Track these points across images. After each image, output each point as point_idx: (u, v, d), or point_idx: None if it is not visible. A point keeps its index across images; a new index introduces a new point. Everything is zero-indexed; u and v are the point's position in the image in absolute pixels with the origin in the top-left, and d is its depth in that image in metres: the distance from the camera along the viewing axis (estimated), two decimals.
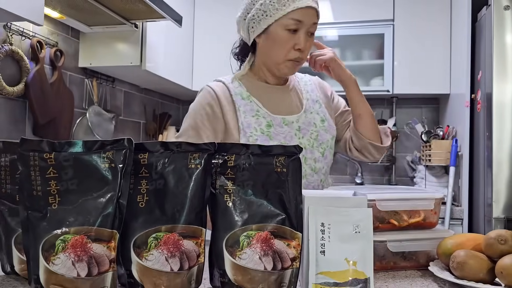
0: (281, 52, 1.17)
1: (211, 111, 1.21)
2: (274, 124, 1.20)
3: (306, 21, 1.14)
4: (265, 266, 0.73)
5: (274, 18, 1.13)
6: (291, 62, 1.19)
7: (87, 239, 0.70)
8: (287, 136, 1.20)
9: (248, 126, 1.18)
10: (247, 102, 1.22)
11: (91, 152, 0.73)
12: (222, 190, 0.78)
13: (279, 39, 1.16)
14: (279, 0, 1.12)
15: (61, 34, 2.23)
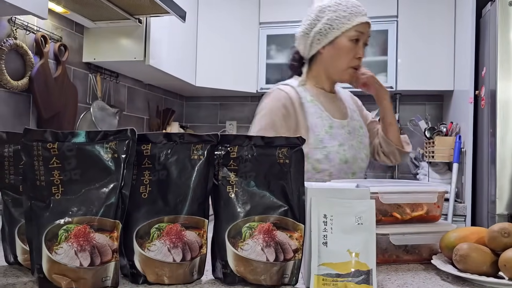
0: (345, 60, 1.35)
1: (285, 111, 1.33)
2: (334, 126, 1.36)
3: (365, 34, 1.34)
4: (267, 257, 0.73)
5: (341, 30, 1.31)
6: (352, 69, 1.37)
7: (90, 229, 0.70)
8: (344, 137, 1.36)
9: (315, 126, 1.33)
10: (312, 105, 1.37)
11: (94, 142, 0.73)
12: (225, 181, 0.78)
13: (344, 49, 1.33)
14: (345, 16, 1.31)
15: (65, 29, 2.24)
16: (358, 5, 1.33)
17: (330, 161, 1.30)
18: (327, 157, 1.30)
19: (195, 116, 3.75)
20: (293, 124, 1.33)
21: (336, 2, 1.33)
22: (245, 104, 3.64)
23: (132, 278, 0.75)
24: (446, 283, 0.79)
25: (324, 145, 1.31)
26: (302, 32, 1.41)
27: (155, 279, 0.74)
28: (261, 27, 3.26)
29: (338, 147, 1.32)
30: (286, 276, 0.75)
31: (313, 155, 1.30)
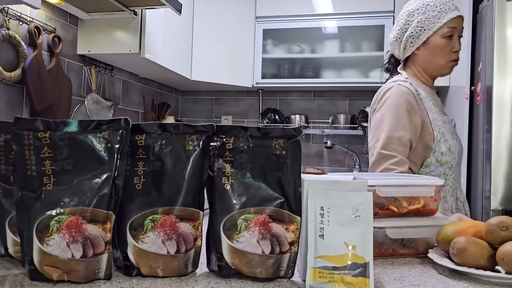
0: (442, 57, 1.38)
1: (410, 106, 1.33)
2: (445, 121, 1.40)
3: (458, 27, 1.37)
4: (263, 250, 0.72)
5: (432, 30, 1.36)
6: (451, 63, 1.40)
7: (82, 220, 0.68)
8: (454, 134, 1.42)
9: (436, 120, 1.37)
10: (427, 101, 1.39)
11: (87, 131, 0.72)
12: (220, 172, 0.77)
13: (439, 46, 1.37)
14: (435, 15, 1.35)
15: (59, 20, 2.21)
16: (447, 1, 1.36)
17: (452, 154, 1.36)
18: (450, 149, 1.35)
19: (190, 110, 3.73)
20: (418, 119, 1.33)
21: (424, 4, 1.37)
22: (240, 98, 3.63)
23: (125, 270, 0.74)
24: (443, 276, 0.79)
25: (446, 139, 1.36)
26: (394, 38, 1.46)
27: (148, 271, 0.73)
28: (257, 21, 3.24)
29: (453, 140, 1.38)
30: (282, 269, 0.74)
31: (439, 148, 1.33)
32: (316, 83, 3.21)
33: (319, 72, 3.21)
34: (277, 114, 3.43)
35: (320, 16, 3.15)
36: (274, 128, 0.77)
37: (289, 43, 3.28)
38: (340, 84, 3.14)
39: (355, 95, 3.37)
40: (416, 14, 1.38)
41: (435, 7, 1.35)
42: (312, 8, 3.14)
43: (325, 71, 3.20)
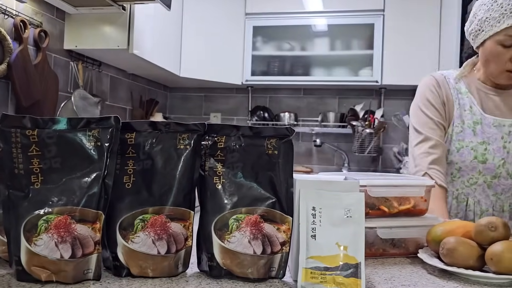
0: (496, 65, 1.23)
1: (436, 92, 1.31)
2: (483, 123, 1.27)
3: None
4: (255, 250, 0.72)
5: (489, 34, 1.19)
6: (507, 74, 1.22)
7: (71, 219, 0.67)
8: (491, 137, 1.26)
9: (458, 117, 1.28)
10: (464, 96, 1.30)
11: (76, 129, 0.70)
12: (212, 172, 0.76)
13: (493, 54, 1.21)
14: (494, 17, 1.17)
15: (46, 14, 2.17)
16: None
17: (461, 156, 1.27)
18: (459, 150, 1.26)
19: (179, 107, 3.70)
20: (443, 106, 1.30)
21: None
22: (230, 96, 3.61)
23: (115, 270, 0.72)
24: (433, 276, 0.79)
25: (459, 138, 1.27)
26: (466, 28, 1.33)
27: (138, 271, 0.72)
28: (247, 18, 3.22)
29: (478, 144, 1.25)
30: (273, 269, 0.73)
31: (448, 146, 1.29)
32: (305, 81, 3.21)
33: (308, 70, 3.21)
34: (266, 112, 3.43)
35: (310, 14, 3.15)
36: (267, 128, 0.76)
37: (279, 40, 3.27)
38: (330, 82, 3.15)
39: (345, 93, 3.38)
40: (481, 9, 1.21)
41: (501, 6, 1.16)
42: (302, 6, 3.14)
43: (314, 69, 3.20)
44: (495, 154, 1.24)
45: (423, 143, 1.29)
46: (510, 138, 1.25)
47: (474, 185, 1.29)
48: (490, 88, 1.30)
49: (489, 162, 1.25)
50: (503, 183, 1.28)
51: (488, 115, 1.27)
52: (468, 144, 1.25)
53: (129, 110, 3.05)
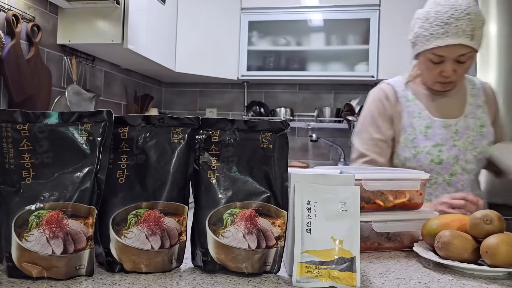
0: (429, 76, 1.29)
1: (382, 107, 1.36)
2: (433, 126, 1.31)
3: (449, 55, 1.20)
4: (249, 245, 0.71)
5: (420, 49, 1.26)
6: (439, 84, 1.28)
7: (63, 215, 0.66)
8: (443, 138, 1.30)
9: (409, 125, 1.31)
10: (412, 104, 1.34)
11: (68, 124, 0.69)
12: (206, 166, 0.75)
13: (426, 66, 1.27)
14: (425, 35, 1.23)
15: (39, 9, 2.14)
16: (448, 22, 1.16)
17: (418, 161, 1.29)
18: (415, 156, 1.29)
19: (174, 102, 3.69)
20: (389, 121, 1.35)
21: (425, 16, 1.23)
22: (225, 91, 3.60)
23: (108, 266, 0.72)
24: (428, 270, 0.79)
25: (414, 145, 1.29)
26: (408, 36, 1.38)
27: (132, 267, 0.71)
28: (243, 13, 3.21)
29: (432, 147, 1.29)
30: (268, 264, 0.73)
31: (403, 153, 1.31)
32: (301, 76, 3.20)
33: (304, 65, 3.20)
34: (262, 107, 3.42)
35: (306, 9, 3.14)
36: (261, 121, 0.76)
37: (274, 35, 3.26)
38: (326, 77, 3.14)
39: (341, 89, 3.37)
40: (416, 23, 1.28)
41: (431, 26, 1.20)
42: (298, 1, 3.12)
43: (310, 64, 3.19)
44: (449, 154, 1.29)
45: (359, 159, 1.38)
46: (458, 136, 1.31)
47: (435, 185, 1.33)
48: (435, 91, 1.35)
49: (444, 162, 1.29)
50: (461, 179, 1.33)
51: (436, 118, 1.32)
52: (423, 149, 1.29)
53: (124, 105, 3.03)
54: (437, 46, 1.19)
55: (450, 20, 1.16)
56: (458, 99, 1.36)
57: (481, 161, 1.36)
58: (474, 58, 1.25)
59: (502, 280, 0.74)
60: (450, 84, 1.28)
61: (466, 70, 1.27)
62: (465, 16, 1.15)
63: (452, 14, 1.16)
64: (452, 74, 1.23)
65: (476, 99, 1.37)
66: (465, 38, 1.17)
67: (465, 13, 1.15)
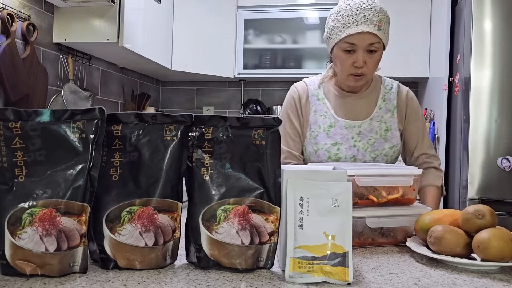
0: (342, 69, 1.32)
1: (294, 106, 1.43)
2: (336, 126, 1.37)
3: (360, 44, 1.26)
4: (242, 241, 0.72)
5: (334, 41, 1.30)
6: (352, 77, 1.31)
7: (56, 212, 0.67)
8: (344, 137, 1.36)
9: (314, 123, 1.38)
10: (320, 103, 1.40)
11: (61, 121, 0.69)
12: (199, 163, 0.75)
13: (339, 59, 1.31)
14: (338, 27, 1.28)
15: (34, 8, 2.14)
16: (357, 13, 1.25)
17: (318, 157, 1.36)
18: (316, 152, 1.36)
19: (171, 101, 3.68)
20: (299, 119, 1.41)
21: (338, 10, 1.30)
22: (222, 89, 3.60)
23: (102, 263, 0.72)
24: (421, 264, 0.80)
25: (316, 142, 1.36)
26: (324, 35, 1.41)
27: (126, 264, 0.71)
28: (239, 11, 3.20)
29: (331, 145, 1.35)
30: (261, 260, 0.73)
31: (308, 147, 1.38)
32: (297, 74, 3.20)
33: (300, 63, 3.20)
34: (259, 105, 3.42)
35: (302, 7, 3.14)
36: (254, 118, 0.76)
37: (271, 33, 3.26)
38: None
39: None
40: (330, 19, 1.32)
41: (342, 17, 1.27)
42: None
43: (306, 62, 3.19)
44: (347, 153, 1.35)
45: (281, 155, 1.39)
46: (360, 137, 1.36)
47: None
48: (345, 93, 1.40)
49: (342, 160, 1.36)
50: None
51: (340, 119, 1.37)
52: (323, 146, 1.35)
53: (121, 104, 3.03)
54: (348, 35, 1.26)
55: (359, 10, 1.25)
56: (367, 102, 1.40)
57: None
58: (382, 53, 1.32)
59: (494, 274, 0.75)
60: (362, 77, 1.31)
61: (376, 64, 1.32)
62: (372, 8, 1.25)
63: (361, 6, 1.26)
64: (363, 65, 1.27)
65: (387, 104, 1.41)
66: (373, 27, 1.25)
67: (371, 6, 1.26)
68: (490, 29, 2.17)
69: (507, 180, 2.12)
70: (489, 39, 2.17)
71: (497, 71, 2.16)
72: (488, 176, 2.15)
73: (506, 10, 2.15)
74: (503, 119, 2.14)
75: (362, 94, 1.41)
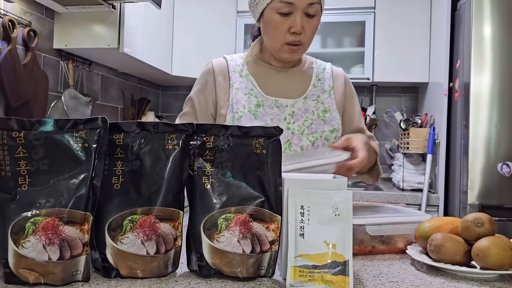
0: (276, 36, 1.14)
1: (205, 82, 1.26)
2: (264, 105, 1.19)
3: (298, 3, 1.10)
4: (244, 249, 0.72)
5: (266, 2, 1.12)
6: (288, 46, 1.15)
7: (59, 221, 0.67)
8: (275, 118, 1.18)
9: (237, 102, 1.19)
10: (243, 80, 1.23)
11: (63, 131, 0.70)
12: (201, 172, 0.76)
13: (273, 23, 1.13)
14: None
15: (35, 14, 2.15)
16: None
17: None
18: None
19: (171, 106, 3.69)
20: (212, 98, 1.24)
21: None
22: None
23: (104, 271, 0.73)
24: (421, 272, 0.80)
25: (241, 123, 1.16)
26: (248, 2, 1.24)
27: (128, 272, 0.72)
28: (239, 16, 3.22)
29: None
30: (262, 268, 0.74)
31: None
32: None
33: None
34: None
35: None
36: (255, 127, 0.76)
37: None
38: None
39: None
40: None
41: None
42: None
43: None
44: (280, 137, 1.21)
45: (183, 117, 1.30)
46: (294, 118, 1.19)
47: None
48: (275, 68, 1.24)
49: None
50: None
51: (269, 96, 1.20)
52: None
53: (121, 109, 3.04)
54: None
55: None
56: (300, 79, 1.24)
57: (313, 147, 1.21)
58: (320, 18, 1.16)
59: (493, 282, 0.75)
60: (299, 48, 1.16)
61: (314, 31, 1.16)
62: None
63: None
64: (301, 30, 1.12)
65: (323, 84, 1.25)
66: None
67: None
68: (490, 35, 2.18)
69: (507, 186, 2.13)
70: (489, 44, 2.18)
71: (497, 76, 2.17)
72: (488, 182, 2.16)
73: (505, 16, 2.16)
74: (503, 125, 2.15)
75: (294, 70, 1.25)
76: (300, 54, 1.20)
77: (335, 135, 1.21)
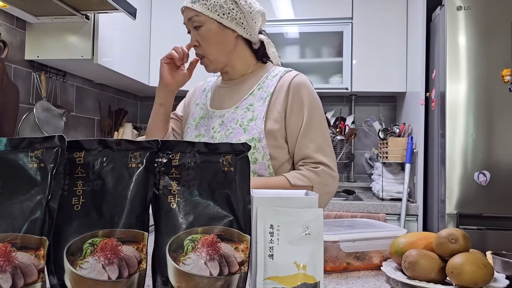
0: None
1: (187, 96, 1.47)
2: (206, 117, 1.30)
3: (185, 21, 1.28)
4: (211, 272, 0.69)
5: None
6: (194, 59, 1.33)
7: (12, 247, 0.63)
8: (207, 128, 1.28)
9: (192, 115, 1.35)
10: (203, 95, 1.38)
11: (17, 150, 0.66)
12: (166, 190, 0.73)
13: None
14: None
15: (5, 24, 2.09)
16: None
17: None
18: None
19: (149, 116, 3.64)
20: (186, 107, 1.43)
21: None
22: None
23: None
24: None
25: (186, 134, 1.33)
26: None
27: None
28: None
29: (194, 137, 1.28)
30: None
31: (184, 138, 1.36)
32: None
33: None
34: None
35: (281, 22, 3.15)
36: (222, 144, 0.74)
37: None
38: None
39: None
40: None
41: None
42: (273, 14, 3.14)
43: None
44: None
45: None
46: (220, 128, 1.22)
47: None
48: (224, 82, 1.35)
49: None
50: None
51: (211, 109, 1.30)
52: (189, 138, 1.29)
53: (97, 120, 2.97)
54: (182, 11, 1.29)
55: None
56: (241, 90, 1.27)
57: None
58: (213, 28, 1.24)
59: None
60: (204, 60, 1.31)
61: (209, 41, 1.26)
62: None
63: None
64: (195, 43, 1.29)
65: (262, 91, 1.22)
66: (188, 1, 1.25)
67: None
68: (464, 45, 2.21)
69: (484, 195, 2.14)
70: (464, 54, 2.21)
71: (472, 85, 2.19)
72: (465, 191, 2.17)
73: (479, 26, 2.19)
74: (479, 134, 2.17)
75: (237, 81, 1.30)
76: (211, 66, 1.30)
77: (253, 144, 1.15)
